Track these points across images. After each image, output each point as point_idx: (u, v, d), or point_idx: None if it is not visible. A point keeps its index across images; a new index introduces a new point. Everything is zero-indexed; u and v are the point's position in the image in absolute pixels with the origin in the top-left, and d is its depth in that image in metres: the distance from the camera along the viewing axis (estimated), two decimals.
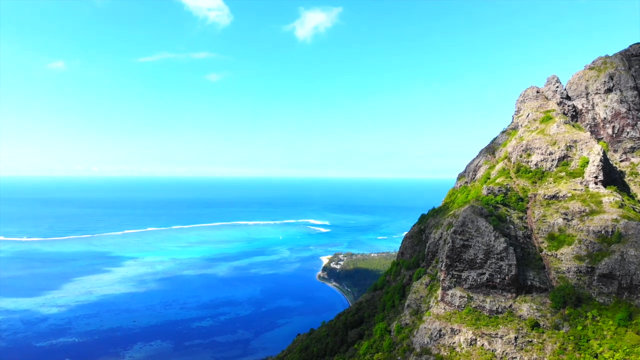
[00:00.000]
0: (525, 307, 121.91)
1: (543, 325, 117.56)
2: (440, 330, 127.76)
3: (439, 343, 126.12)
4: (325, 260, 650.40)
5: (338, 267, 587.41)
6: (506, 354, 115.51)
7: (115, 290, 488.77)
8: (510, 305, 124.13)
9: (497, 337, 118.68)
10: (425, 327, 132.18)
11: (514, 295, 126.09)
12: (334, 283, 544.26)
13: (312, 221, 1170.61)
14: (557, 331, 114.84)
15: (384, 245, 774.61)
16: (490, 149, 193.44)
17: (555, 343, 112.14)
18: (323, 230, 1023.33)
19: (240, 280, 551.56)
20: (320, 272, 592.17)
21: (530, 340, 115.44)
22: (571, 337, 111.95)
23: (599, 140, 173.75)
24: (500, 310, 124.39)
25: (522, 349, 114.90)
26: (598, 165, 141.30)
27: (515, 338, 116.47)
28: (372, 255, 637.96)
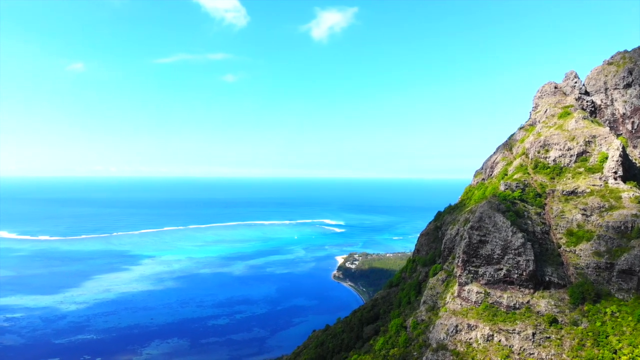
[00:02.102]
0: (543, 303, 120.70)
1: (561, 321, 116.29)
2: (456, 326, 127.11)
3: (455, 339, 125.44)
4: (340, 260, 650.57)
5: (353, 266, 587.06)
6: (524, 349, 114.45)
7: (133, 289, 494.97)
8: (528, 301, 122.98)
9: (514, 333, 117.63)
10: (441, 323, 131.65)
11: (531, 291, 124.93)
12: (349, 283, 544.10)
13: (327, 221, 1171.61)
14: (575, 327, 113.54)
15: (399, 246, 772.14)
16: (508, 145, 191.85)
17: (574, 339, 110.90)
18: (338, 230, 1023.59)
19: (255, 279, 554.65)
20: (335, 272, 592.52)
21: (548, 336, 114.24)
22: (590, 333, 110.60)
23: (618, 135, 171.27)
24: (517, 306, 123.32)
25: (539, 345, 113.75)
26: (617, 161, 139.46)
27: (533, 334, 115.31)
28: (388, 255, 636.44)
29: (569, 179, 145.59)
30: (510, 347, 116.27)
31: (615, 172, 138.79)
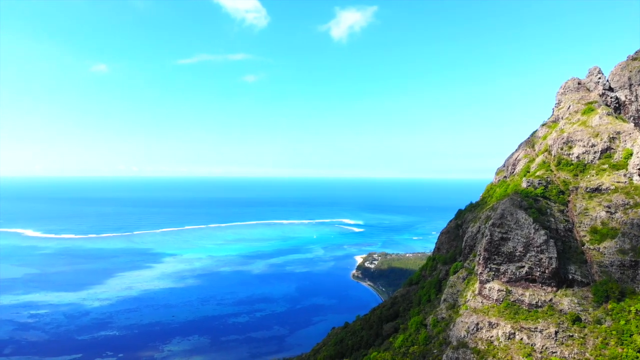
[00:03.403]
0: (566, 301, 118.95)
1: (585, 319, 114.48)
2: (477, 324, 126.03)
3: (476, 337, 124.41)
4: (359, 259, 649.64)
5: (372, 266, 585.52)
6: (546, 348, 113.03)
7: (155, 286, 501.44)
8: (551, 299, 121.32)
9: (536, 331, 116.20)
10: (462, 321, 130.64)
11: (554, 289, 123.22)
12: (369, 282, 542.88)
13: (346, 221, 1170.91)
14: (599, 326, 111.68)
15: (419, 246, 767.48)
16: (530, 142, 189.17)
17: (597, 338, 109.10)
18: (357, 229, 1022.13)
19: (275, 278, 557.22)
20: (354, 271, 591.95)
21: (571, 334, 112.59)
22: (614, 332, 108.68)
23: None
24: (540, 304, 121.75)
25: (562, 344, 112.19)
26: None
27: (556, 332, 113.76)
28: (407, 255, 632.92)
29: (593, 175, 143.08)
30: (532, 345, 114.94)
31: None
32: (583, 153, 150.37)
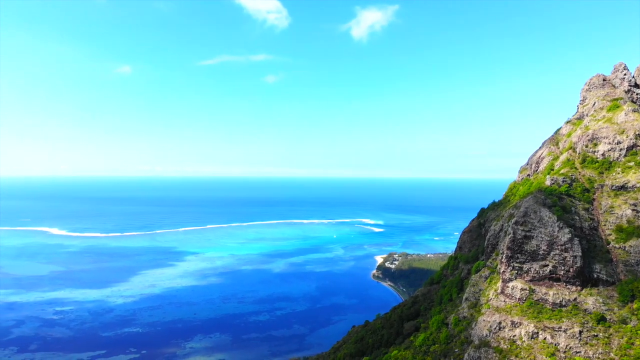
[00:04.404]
0: (591, 301, 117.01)
1: (610, 319, 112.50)
2: (500, 323, 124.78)
3: (498, 336, 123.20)
4: (379, 259, 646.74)
5: (393, 266, 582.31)
6: (570, 348, 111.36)
7: (177, 284, 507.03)
8: (575, 299, 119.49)
9: (560, 330, 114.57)
10: (484, 320, 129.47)
11: (579, 288, 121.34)
12: (389, 282, 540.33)
13: (366, 220, 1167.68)
14: (624, 325, 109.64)
15: (440, 246, 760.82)
16: (554, 140, 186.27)
17: (622, 337, 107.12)
18: (377, 229, 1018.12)
19: (295, 277, 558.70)
20: (374, 271, 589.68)
21: (595, 334, 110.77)
22: (639, 332, 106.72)
23: None
24: (564, 303, 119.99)
25: (586, 344, 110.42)
26: None
27: (580, 332, 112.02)
28: (429, 255, 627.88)
29: (619, 173, 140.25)
30: (556, 345, 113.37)
31: None
32: (608, 150, 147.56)
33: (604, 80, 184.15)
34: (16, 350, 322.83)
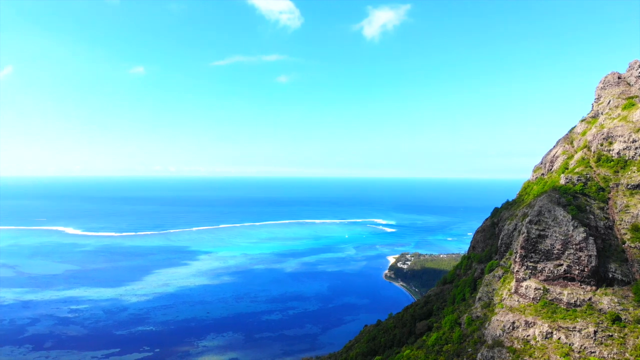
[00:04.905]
0: (606, 301, 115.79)
1: (625, 319, 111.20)
2: (513, 323, 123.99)
3: (512, 336, 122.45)
4: (391, 259, 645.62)
5: (405, 266, 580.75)
6: (584, 348, 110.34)
7: (190, 283, 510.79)
8: (590, 298, 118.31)
9: (574, 330, 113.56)
10: (497, 320, 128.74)
11: (593, 288, 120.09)
12: (401, 283, 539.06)
13: (377, 221, 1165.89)
14: (639, 325, 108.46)
15: (453, 247, 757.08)
16: (568, 139, 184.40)
17: (638, 338, 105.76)
18: (389, 230, 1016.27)
19: (307, 276, 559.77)
20: (386, 272, 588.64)
21: (610, 334, 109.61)
22: None
23: None
24: (578, 303, 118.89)
25: (601, 344, 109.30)
26: None
27: (595, 332, 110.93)
28: (441, 256, 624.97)
29: (634, 172, 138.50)
30: (570, 345, 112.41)
31: None
32: (624, 149, 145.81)
33: (618, 78, 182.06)
34: (31, 348, 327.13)
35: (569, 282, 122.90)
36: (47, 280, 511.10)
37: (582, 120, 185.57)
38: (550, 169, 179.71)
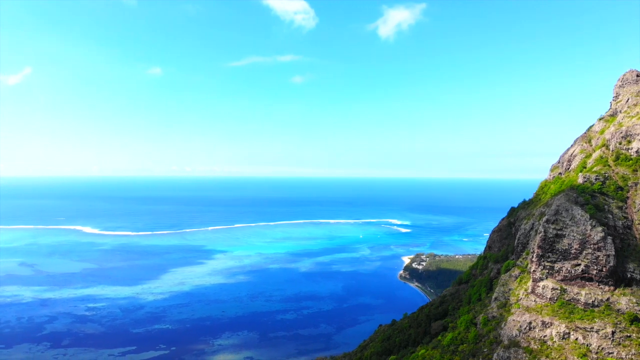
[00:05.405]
0: (624, 301, 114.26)
1: None
2: (530, 323, 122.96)
3: (528, 336, 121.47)
4: (406, 260, 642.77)
5: (420, 267, 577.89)
6: (602, 348, 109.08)
7: (206, 282, 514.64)
8: (608, 299, 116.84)
9: (592, 331, 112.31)
10: (513, 320, 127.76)
11: (612, 288, 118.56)
12: (416, 283, 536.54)
13: (392, 221, 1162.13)
14: None
15: (469, 247, 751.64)
16: (586, 137, 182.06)
17: None
18: (404, 230, 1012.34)
19: (322, 276, 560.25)
20: (401, 272, 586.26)
21: (629, 335, 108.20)
22: None
23: None
24: (596, 303, 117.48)
25: (619, 344, 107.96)
26: None
27: (613, 332, 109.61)
28: (457, 257, 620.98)
29: None
30: (587, 345, 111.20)
31: None
32: None
33: (637, 76, 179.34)
34: (49, 345, 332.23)
35: (587, 282, 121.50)
36: (65, 279, 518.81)
37: (600, 119, 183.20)
38: (568, 168, 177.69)
